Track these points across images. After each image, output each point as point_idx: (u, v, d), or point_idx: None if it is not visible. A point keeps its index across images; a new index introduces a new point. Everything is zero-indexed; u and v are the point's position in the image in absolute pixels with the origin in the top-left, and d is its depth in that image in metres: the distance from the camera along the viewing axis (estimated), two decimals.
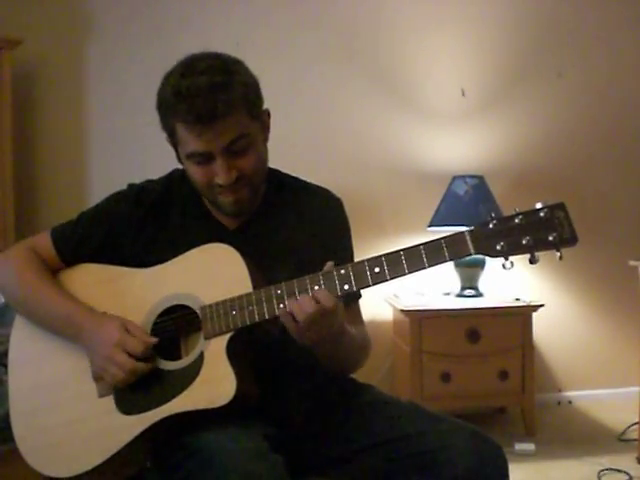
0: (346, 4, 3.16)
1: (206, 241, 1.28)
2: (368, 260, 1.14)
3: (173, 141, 1.30)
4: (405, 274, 1.11)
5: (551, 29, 3.29)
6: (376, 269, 1.13)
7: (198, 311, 1.24)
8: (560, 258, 1.07)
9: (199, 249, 1.28)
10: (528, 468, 2.51)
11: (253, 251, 1.27)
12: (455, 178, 2.99)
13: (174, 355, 1.27)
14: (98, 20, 2.98)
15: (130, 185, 1.43)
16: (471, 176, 2.97)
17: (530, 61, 3.28)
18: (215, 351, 1.20)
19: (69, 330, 1.31)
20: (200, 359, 1.20)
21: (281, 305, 1.17)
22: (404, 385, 2.86)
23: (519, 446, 2.63)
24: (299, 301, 1.14)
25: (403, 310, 2.78)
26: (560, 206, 1.08)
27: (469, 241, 1.10)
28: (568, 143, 3.31)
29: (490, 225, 1.10)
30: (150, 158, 2.18)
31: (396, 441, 1.22)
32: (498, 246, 1.09)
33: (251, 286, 1.21)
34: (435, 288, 2.99)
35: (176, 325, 1.29)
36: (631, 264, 2.51)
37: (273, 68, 2.83)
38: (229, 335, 1.20)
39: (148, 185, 1.41)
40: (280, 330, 1.19)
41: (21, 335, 1.39)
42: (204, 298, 1.24)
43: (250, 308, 1.19)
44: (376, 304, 3.01)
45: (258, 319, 1.18)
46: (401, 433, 1.22)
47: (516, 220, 1.09)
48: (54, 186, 2.97)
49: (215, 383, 1.17)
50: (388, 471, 1.22)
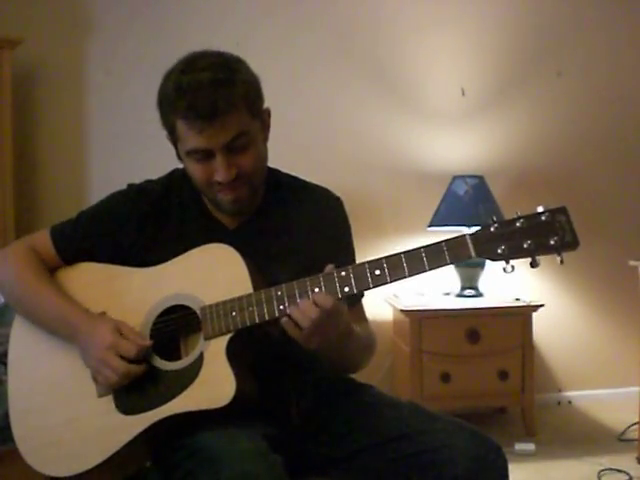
0: (346, 4, 3.16)
1: (206, 241, 1.28)
2: (369, 262, 1.14)
3: (173, 139, 1.30)
4: (406, 277, 1.11)
5: (551, 29, 3.29)
6: (377, 271, 1.13)
7: (198, 312, 1.23)
8: (561, 262, 1.06)
9: (199, 249, 1.28)
10: (528, 468, 2.51)
11: (253, 250, 1.27)
12: (455, 178, 2.99)
13: (174, 355, 1.27)
14: (98, 20, 2.98)
15: (130, 185, 1.43)
16: (471, 176, 2.97)
17: (530, 61, 3.28)
18: (215, 352, 1.19)
19: (65, 331, 1.31)
20: (200, 360, 1.20)
21: (281, 307, 1.17)
22: (404, 385, 2.86)
23: (519, 446, 2.63)
24: (301, 308, 1.14)
25: (403, 310, 2.78)
26: (562, 210, 1.08)
27: (470, 244, 1.10)
28: (568, 143, 3.31)
29: (491, 228, 1.10)
30: (150, 158, 2.18)
31: (396, 441, 1.22)
32: (499, 250, 1.09)
33: (251, 287, 1.21)
34: (435, 288, 2.99)
35: (176, 325, 1.29)
36: (631, 264, 2.51)
37: (273, 68, 2.82)
38: (229, 336, 1.20)
39: (148, 185, 1.41)
40: (280, 331, 1.18)
41: (20, 334, 1.39)
42: (204, 298, 1.23)
43: (250, 309, 1.19)
44: (376, 304, 3.00)
45: (258, 320, 1.18)
46: (401, 433, 1.22)
47: (517, 224, 1.09)
48: (54, 186, 2.96)
49: (215, 384, 1.17)
50: (388, 471, 1.22)
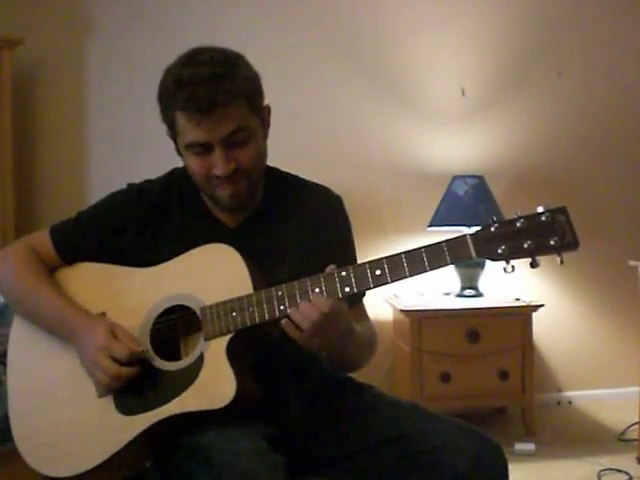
0: (346, 4, 3.16)
1: (206, 240, 1.28)
2: (369, 262, 1.14)
3: (173, 133, 1.30)
4: (406, 277, 1.11)
5: (551, 28, 3.29)
6: (377, 271, 1.13)
7: (198, 312, 1.23)
8: (561, 262, 1.06)
9: (200, 249, 1.28)
10: (528, 468, 2.51)
11: (253, 250, 1.27)
12: (455, 178, 2.99)
13: (174, 356, 1.27)
14: (98, 20, 2.98)
15: (130, 185, 1.43)
16: (471, 176, 2.97)
17: (530, 60, 3.28)
18: (215, 352, 1.19)
19: (62, 331, 1.31)
20: (200, 360, 1.20)
21: (282, 307, 1.16)
22: (404, 385, 2.86)
23: (519, 446, 2.63)
24: (301, 310, 1.14)
25: (403, 310, 2.78)
26: (562, 210, 1.07)
27: (471, 244, 1.10)
28: (568, 142, 3.31)
29: (492, 228, 1.09)
30: (150, 158, 2.18)
31: (396, 441, 1.22)
32: (499, 250, 1.09)
33: (251, 287, 1.20)
34: (435, 288, 2.99)
35: (176, 325, 1.29)
36: (631, 264, 2.51)
37: (273, 67, 2.80)
38: (229, 336, 1.19)
39: (147, 185, 1.41)
40: (280, 331, 1.18)
41: (20, 334, 1.39)
42: (204, 298, 1.23)
43: (250, 309, 1.18)
44: (376, 304, 2.99)
45: (258, 320, 1.18)
46: (401, 433, 1.22)
47: (518, 224, 1.08)
48: (54, 186, 2.96)
49: (215, 384, 1.17)
50: (388, 471, 1.22)
